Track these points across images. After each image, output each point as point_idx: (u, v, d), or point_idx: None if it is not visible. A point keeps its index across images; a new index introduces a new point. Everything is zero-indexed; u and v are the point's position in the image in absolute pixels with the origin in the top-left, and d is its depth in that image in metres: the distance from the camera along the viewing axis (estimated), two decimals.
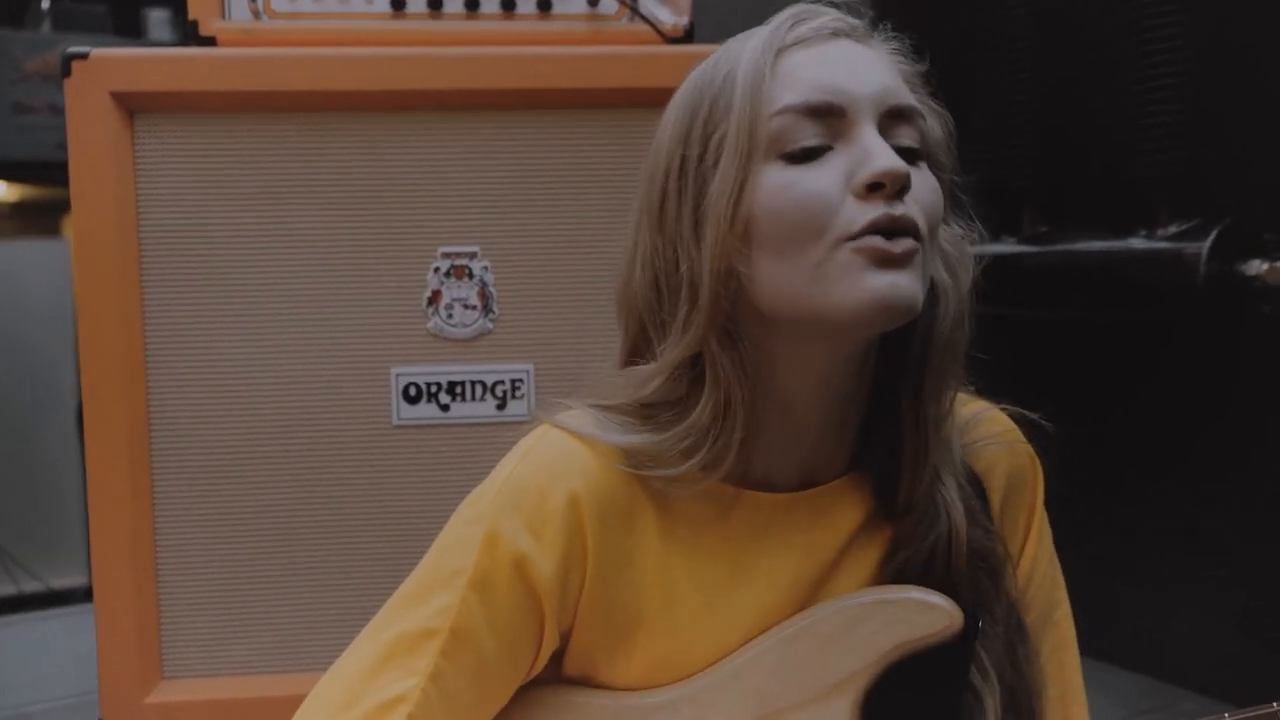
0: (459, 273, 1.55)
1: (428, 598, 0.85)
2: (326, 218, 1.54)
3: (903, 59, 0.85)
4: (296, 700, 0.95)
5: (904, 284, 0.75)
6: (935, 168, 0.83)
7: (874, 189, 0.75)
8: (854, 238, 0.75)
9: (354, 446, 1.55)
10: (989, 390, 0.96)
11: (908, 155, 0.78)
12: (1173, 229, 1.50)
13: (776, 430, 0.84)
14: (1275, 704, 0.81)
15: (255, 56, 1.53)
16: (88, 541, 1.53)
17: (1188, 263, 1.45)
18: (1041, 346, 1.49)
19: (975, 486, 0.87)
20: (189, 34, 1.59)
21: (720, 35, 1.70)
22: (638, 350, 0.88)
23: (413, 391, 1.55)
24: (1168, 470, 1.64)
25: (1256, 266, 1.42)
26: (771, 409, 0.83)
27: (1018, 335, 1.59)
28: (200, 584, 1.54)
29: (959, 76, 0.90)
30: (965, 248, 0.86)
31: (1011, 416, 0.93)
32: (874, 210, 0.75)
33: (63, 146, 1.46)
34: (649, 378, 0.83)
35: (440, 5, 1.62)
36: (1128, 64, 1.56)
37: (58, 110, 3.56)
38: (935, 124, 0.84)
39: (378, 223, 1.54)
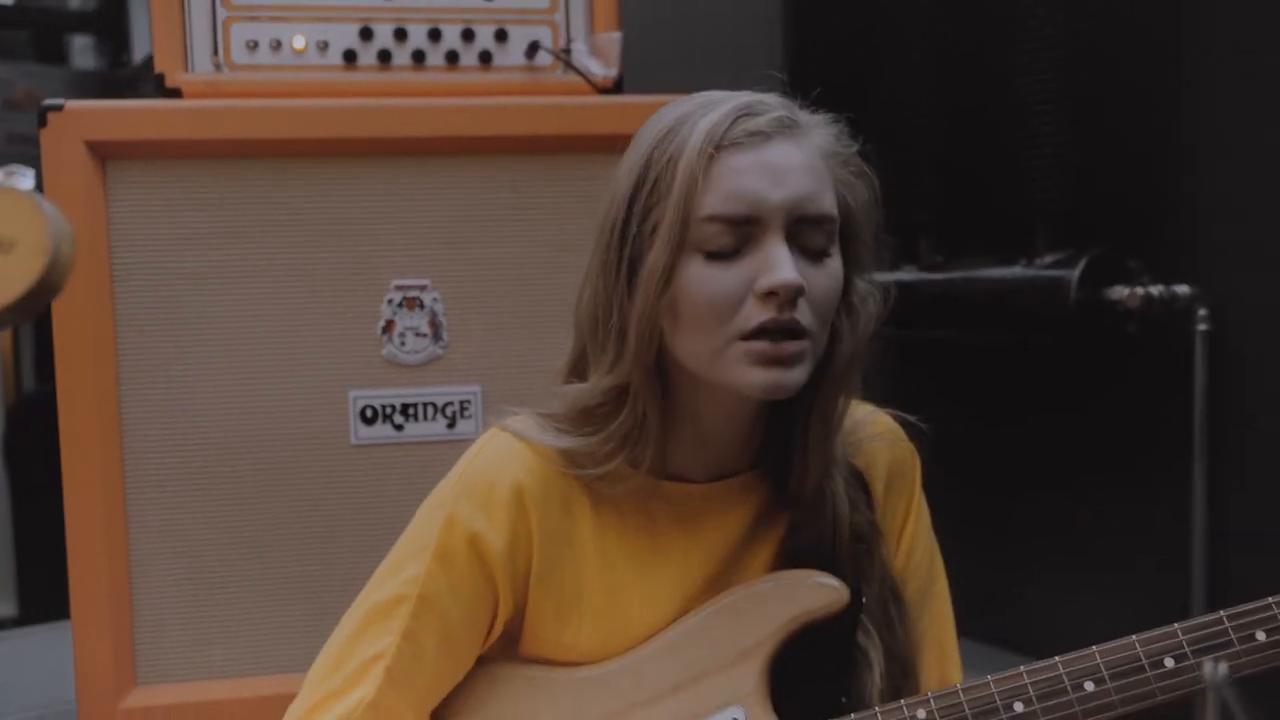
0: (411, 304, 1.69)
1: (398, 572, 1.01)
2: (287, 254, 1.66)
3: (835, 142, 0.96)
4: (264, 701, 1.06)
5: (788, 377, 0.92)
6: (851, 238, 0.97)
7: (769, 296, 0.90)
8: (746, 337, 0.91)
9: (316, 464, 1.67)
10: (895, 401, 1.11)
11: (813, 255, 0.93)
12: (1049, 258, 1.68)
13: (689, 440, 1.00)
14: (1222, 612, 0.91)
15: (218, 108, 1.65)
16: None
17: (1061, 289, 1.63)
18: (939, 365, 1.66)
19: (856, 478, 1.04)
20: (157, 85, 1.71)
21: (648, 84, 1.87)
22: (581, 360, 1.02)
23: (369, 413, 1.68)
24: (1051, 473, 1.82)
25: (1120, 292, 1.61)
26: (685, 426, 0.99)
27: (917, 354, 1.77)
28: (172, 595, 1.66)
29: (862, 124, 1.03)
30: (871, 305, 1.00)
31: (894, 418, 1.10)
32: (766, 314, 0.91)
33: None
34: (582, 396, 0.98)
35: (389, 58, 1.76)
36: (1011, 115, 1.75)
37: None
38: (860, 190, 0.97)
39: (335, 259, 1.67)
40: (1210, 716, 0.40)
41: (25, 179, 0.57)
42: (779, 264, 0.90)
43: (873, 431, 1.08)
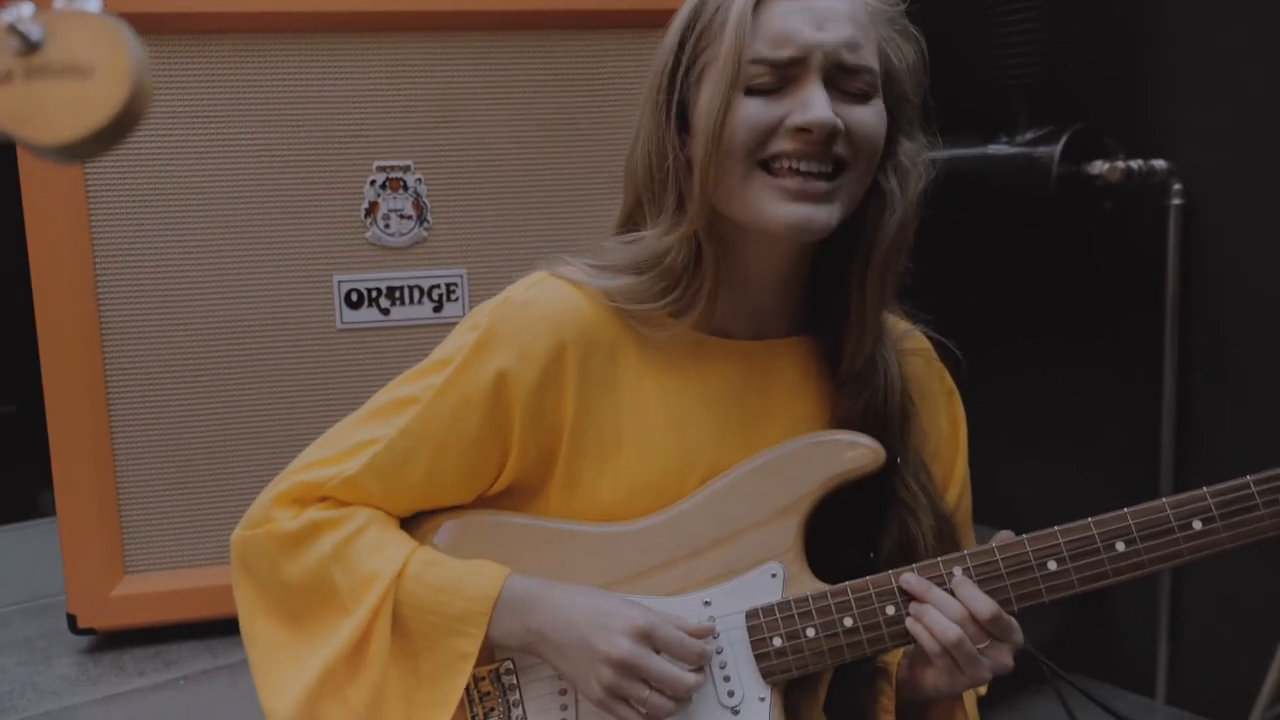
0: (394, 185, 1.65)
1: (420, 378, 1.02)
2: (265, 136, 1.61)
3: (882, 1, 0.96)
4: None
5: (818, 215, 0.93)
6: (895, 96, 0.97)
7: (801, 132, 0.91)
8: (769, 166, 0.92)
9: (301, 350, 1.65)
10: None
11: (856, 97, 0.93)
12: (1030, 135, 1.71)
13: (736, 292, 1.01)
14: (1249, 477, 0.93)
15: None
16: None
17: (1042, 164, 1.66)
18: (924, 241, 1.68)
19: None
20: None
21: None
22: (633, 217, 1.02)
23: (354, 297, 1.65)
24: (1031, 345, 1.87)
25: (1099, 166, 1.64)
26: (734, 277, 0.99)
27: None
28: (158, 485, 1.64)
29: None
30: (920, 163, 1.00)
31: (930, 339, 1.12)
32: (795, 145, 0.91)
33: None
34: (648, 245, 0.98)
35: None
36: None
37: None
38: (905, 50, 0.97)
39: (315, 140, 1.63)
40: None
41: (90, 2, 0.53)
42: (813, 104, 0.91)
43: (914, 347, 1.09)
